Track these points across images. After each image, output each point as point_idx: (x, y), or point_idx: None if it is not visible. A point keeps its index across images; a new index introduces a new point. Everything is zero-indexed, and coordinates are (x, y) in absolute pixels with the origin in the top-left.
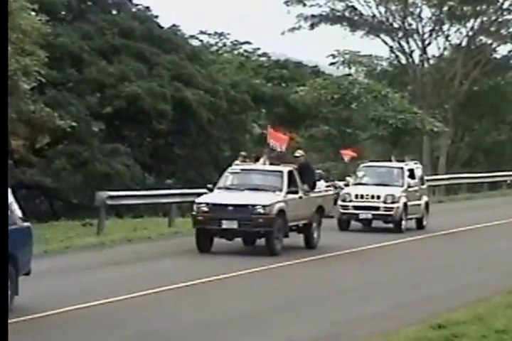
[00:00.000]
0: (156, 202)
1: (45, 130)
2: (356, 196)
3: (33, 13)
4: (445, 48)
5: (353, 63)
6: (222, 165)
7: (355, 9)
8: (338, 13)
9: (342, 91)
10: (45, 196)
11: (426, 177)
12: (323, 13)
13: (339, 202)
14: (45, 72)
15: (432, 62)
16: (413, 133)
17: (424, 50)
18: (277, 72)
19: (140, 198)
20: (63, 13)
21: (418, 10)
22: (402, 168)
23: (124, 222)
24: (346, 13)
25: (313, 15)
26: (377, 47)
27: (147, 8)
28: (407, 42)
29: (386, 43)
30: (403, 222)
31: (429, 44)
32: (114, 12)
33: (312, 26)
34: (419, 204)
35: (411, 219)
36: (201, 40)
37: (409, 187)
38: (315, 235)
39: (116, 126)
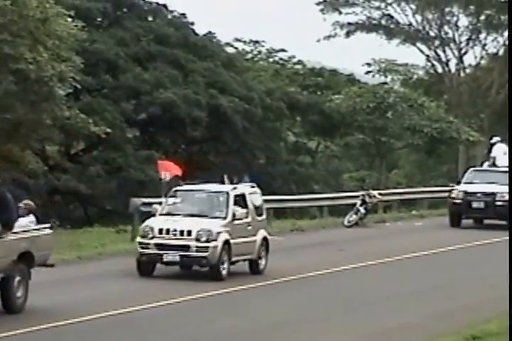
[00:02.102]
0: None
1: (80, 136)
2: (161, 231)
3: (69, 19)
4: (482, 57)
5: (389, 71)
6: (256, 174)
7: (392, 17)
8: (375, 22)
9: (377, 99)
10: (79, 202)
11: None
12: (360, 21)
13: (138, 239)
14: (81, 78)
15: (468, 71)
16: (449, 142)
17: (460, 59)
18: (313, 80)
19: None
20: (99, 19)
21: (455, 18)
22: (227, 193)
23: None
24: (383, 22)
25: (349, 23)
26: (413, 56)
27: (183, 14)
28: (444, 51)
29: (422, 52)
30: (224, 266)
31: (465, 53)
32: (150, 18)
33: (348, 34)
34: (252, 242)
35: (237, 261)
36: (236, 48)
37: (235, 219)
38: (18, 295)
39: (150, 133)
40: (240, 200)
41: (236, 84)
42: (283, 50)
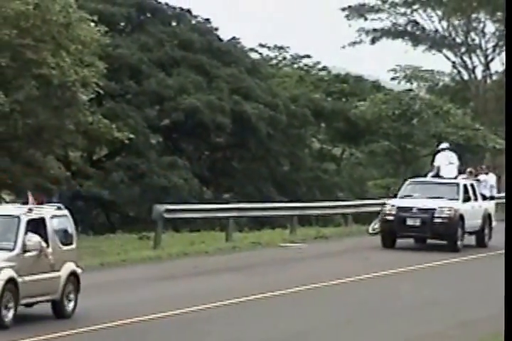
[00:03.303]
0: (213, 217)
1: (103, 142)
2: None
3: (93, 24)
4: None
5: (415, 78)
6: (280, 180)
7: (418, 24)
8: (400, 28)
9: (403, 106)
10: (102, 208)
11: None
12: (385, 28)
13: None
14: (104, 83)
15: (494, 78)
16: (475, 150)
17: (487, 66)
18: (337, 86)
19: (197, 212)
20: (122, 24)
21: (481, 25)
22: (18, 217)
23: (181, 235)
24: (408, 28)
25: (374, 30)
26: (439, 63)
27: (207, 20)
28: (470, 58)
29: (448, 58)
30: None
31: (492, 60)
32: (174, 24)
33: (373, 40)
34: (52, 278)
35: (33, 304)
36: (261, 54)
37: (26, 251)
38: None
39: (174, 139)
40: (38, 226)
41: (260, 91)
42: (308, 56)
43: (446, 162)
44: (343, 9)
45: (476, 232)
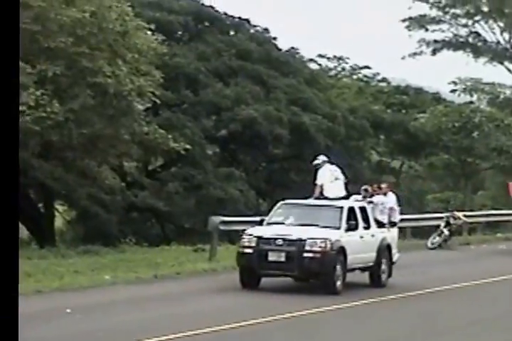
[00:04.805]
0: None
1: (159, 152)
2: None
3: (149, 33)
4: None
5: (475, 91)
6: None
7: (479, 35)
8: (461, 39)
9: (463, 119)
10: (156, 219)
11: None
12: (446, 39)
13: None
14: (160, 92)
15: None
16: None
17: None
18: (397, 98)
19: (253, 224)
20: (180, 33)
21: None
22: None
23: (236, 248)
24: (470, 39)
25: (435, 41)
26: (500, 75)
27: (266, 29)
28: None
29: (510, 71)
30: None
31: None
32: (232, 33)
33: (434, 52)
34: None
35: None
36: (320, 64)
37: None
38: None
39: (231, 150)
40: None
41: (319, 102)
42: (367, 67)
43: (331, 178)
44: (404, 20)
45: (369, 268)
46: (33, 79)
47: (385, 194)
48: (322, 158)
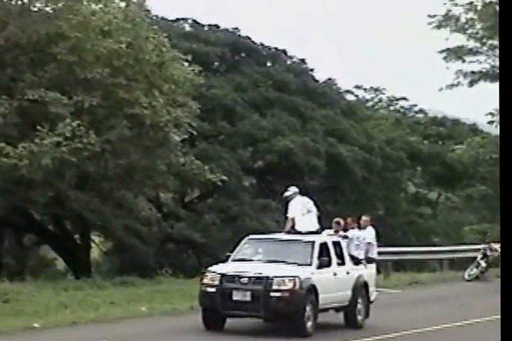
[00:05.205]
0: None
1: (195, 183)
2: None
3: (186, 64)
4: None
5: None
6: (375, 224)
7: None
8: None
9: None
10: (193, 251)
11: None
12: (483, 70)
13: None
14: (197, 124)
15: None
16: None
17: None
18: (434, 129)
19: None
20: (216, 64)
21: None
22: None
23: None
24: None
25: (472, 72)
26: None
27: (302, 60)
28: None
29: None
30: None
31: None
32: (269, 64)
33: (471, 83)
34: None
35: None
36: (357, 95)
37: None
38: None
39: (267, 181)
40: None
41: (356, 133)
42: (404, 99)
43: (304, 211)
44: (441, 51)
45: (344, 308)
46: (69, 110)
47: (364, 228)
48: (293, 189)
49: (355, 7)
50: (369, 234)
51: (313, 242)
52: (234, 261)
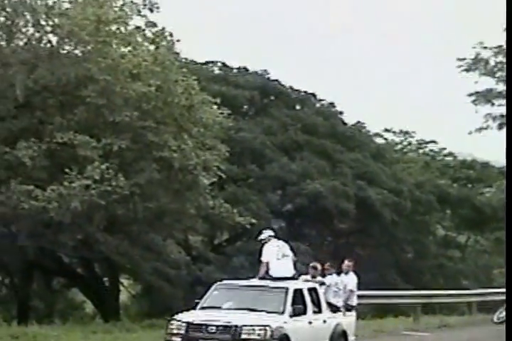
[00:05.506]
0: None
1: (224, 226)
2: None
3: (215, 107)
4: None
5: None
6: (404, 267)
7: None
8: None
9: None
10: None
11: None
12: None
13: None
14: (226, 167)
15: None
16: None
17: None
18: (464, 172)
19: None
20: (245, 107)
21: None
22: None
23: None
24: None
25: (502, 115)
26: None
27: (331, 104)
28: None
29: None
30: None
31: None
32: (298, 107)
33: (500, 126)
34: None
35: None
36: (386, 138)
37: None
38: None
39: (296, 224)
40: None
41: (385, 176)
42: (433, 142)
43: (279, 255)
44: (470, 95)
45: None
46: (98, 153)
47: (346, 273)
48: (268, 232)
49: (383, 51)
50: (351, 280)
51: (286, 289)
52: (202, 308)
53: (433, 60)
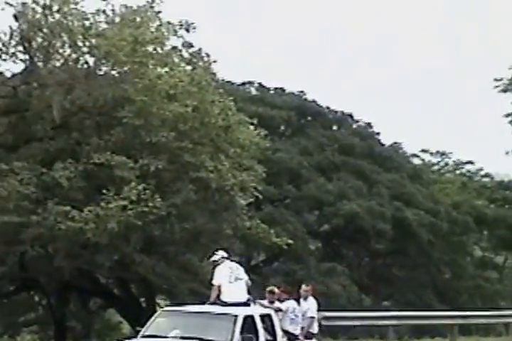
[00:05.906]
0: (372, 324)
1: (261, 247)
2: None
3: (252, 127)
4: None
5: None
6: (441, 288)
7: None
8: None
9: None
10: None
11: None
12: None
13: None
14: (263, 187)
15: None
16: None
17: None
18: (501, 193)
19: (356, 319)
20: (282, 127)
21: None
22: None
23: None
24: None
25: None
26: None
27: (368, 124)
28: None
29: None
30: None
31: None
32: (335, 127)
33: None
34: None
35: None
36: (423, 159)
37: None
38: None
39: (333, 245)
40: None
41: (422, 197)
42: (470, 163)
43: (231, 278)
44: (508, 115)
45: None
46: (135, 174)
47: (305, 298)
48: (221, 253)
49: (418, 71)
50: (311, 305)
51: (235, 316)
52: (143, 337)
53: (469, 80)
